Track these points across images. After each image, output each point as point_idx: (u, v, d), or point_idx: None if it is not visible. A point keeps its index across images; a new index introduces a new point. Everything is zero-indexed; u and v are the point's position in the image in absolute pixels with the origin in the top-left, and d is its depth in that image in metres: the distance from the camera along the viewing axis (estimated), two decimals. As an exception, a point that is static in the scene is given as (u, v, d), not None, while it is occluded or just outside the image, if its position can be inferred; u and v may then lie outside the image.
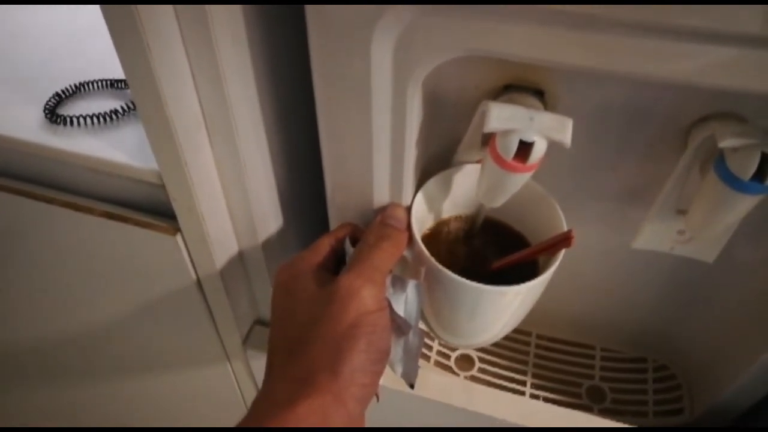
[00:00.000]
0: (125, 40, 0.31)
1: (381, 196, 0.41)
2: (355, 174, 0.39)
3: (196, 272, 0.45)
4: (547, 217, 0.40)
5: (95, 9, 0.42)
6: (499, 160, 0.33)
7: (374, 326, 0.32)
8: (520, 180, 0.34)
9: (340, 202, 0.42)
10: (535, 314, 0.56)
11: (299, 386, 0.30)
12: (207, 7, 0.31)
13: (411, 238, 0.38)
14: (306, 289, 0.34)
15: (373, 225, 0.38)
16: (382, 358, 0.33)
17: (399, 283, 0.37)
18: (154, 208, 0.44)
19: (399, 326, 0.36)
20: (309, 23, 0.31)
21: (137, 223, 0.42)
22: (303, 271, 0.35)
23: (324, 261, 0.36)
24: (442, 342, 0.59)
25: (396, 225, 0.37)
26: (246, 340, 0.52)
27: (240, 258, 0.46)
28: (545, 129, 0.32)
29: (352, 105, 0.35)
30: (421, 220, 0.41)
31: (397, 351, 0.37)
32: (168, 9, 0.31)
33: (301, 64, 0.36)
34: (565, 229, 0.38)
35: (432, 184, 0.41)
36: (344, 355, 0.31)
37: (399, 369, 0.38)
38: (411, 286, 0.37)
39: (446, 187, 0.42)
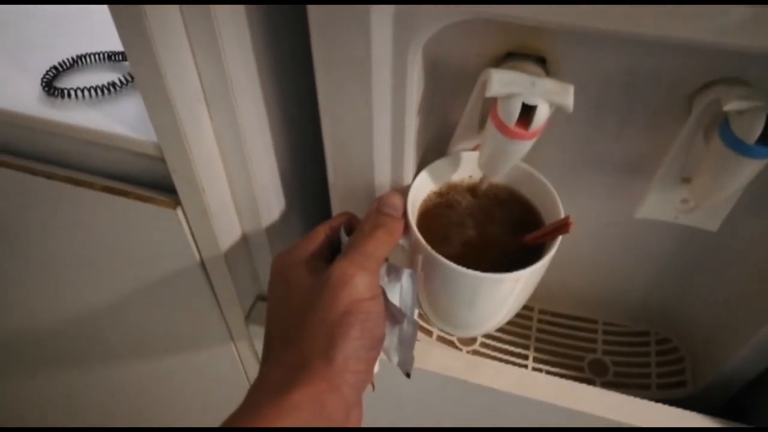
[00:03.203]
0: (123, 12, 0.30)
1: (382, 173, 0.40)
2: (355, 145, 0.39)
3: (197, 247, 0.45)
4: (544, 203, 0.40)
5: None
6: (502, 127, 0.33)
7: (368, 313, 0.32)
8: (522, 148, 0.34)
9: (341, 176, 0.42)
10: (537, 289, 0.56)
11: (294, 373, 0.31)
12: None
13: (407, 225, 0.37)
14: (300, 277, 0.34)
15: (369, 213, 0.37)
16: (375, 345, 0.33)
17: (394, 272, 0.37)
18: (154, 183, 0.44)
19: (394, 315, 0.36)
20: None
21: (138, 197, 0.42)
22: (297, 260, 0.35)
23: (319, 250, 0.36)
24: (442, 331, 0.58)
25: (391, 213, 0.37)
26: (249, 316, 0.52)
27: (241, 232, 0.46)
28: (547, 93, 0.32)
29: (351, 74, 0.34)
30: (418, 201, 0.40)
31: (392, 340, 0.37)
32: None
33: (300, 36, 0.36)
34: (563, 215, 0.37)
35: (429, 169, 0.40)
36: (338, 341, 0.31)
37: (395, 358, 0.37)
38: (406, 275, 0.36)
39: (444, 171, 0.41)
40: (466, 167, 0.41)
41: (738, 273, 0.50)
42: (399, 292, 0.36)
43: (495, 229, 0.40)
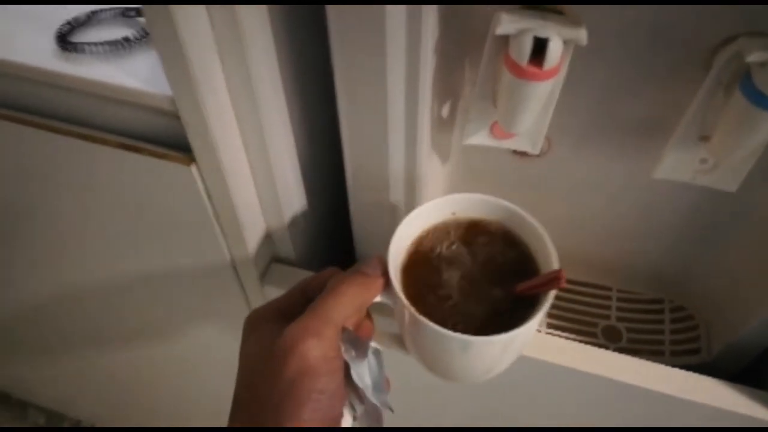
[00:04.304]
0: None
1: (396, 148, 0.40)
2: (370, 121, 0.39)
3: (211, 204, 0.45)
4: (538, 247, 0.36)
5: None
6: (515, 68, 0.32)
7: (320, 392, 0.28)
8: (538, 90, 0.34)
9: (356, 155, 0.42)
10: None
11: None
12: None
13: (389, 283, 0.34)
14: (260, 337, 0.31)
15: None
16: (330, 424, 0.29)
17: (359, 346, 0.32)
18: (167, 141, 0.44)
19: (358, 395, 0.32)
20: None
21: (152, 154, 0.42)
22: (264, 317, 0.33)
23: (291, 308, 0.33)
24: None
25: (366, 270, 0.33)
26: (263, 277, 0.53)
27: (255, 191, 0.46)
28: (559, 26, 0.31)
29: (366, 34, 0.34)
30: (402, 251, 0.37)
31: (356, 413, 0.32)
32: None
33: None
34: (556, 265, 0.34)
35: (412, 216, 0.37)
36: (284, 420, 0.28)
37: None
38: (372, 352, 0.33)
39: (427, 216, 0.38)
40: (448, 207, 0.38)
41: (754, 240, 0.49)
42: (367, 371, 0.32)
43: (486, 276, 0.36)
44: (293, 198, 0.49)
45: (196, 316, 0.67)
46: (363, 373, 0.31)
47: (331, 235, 0.60)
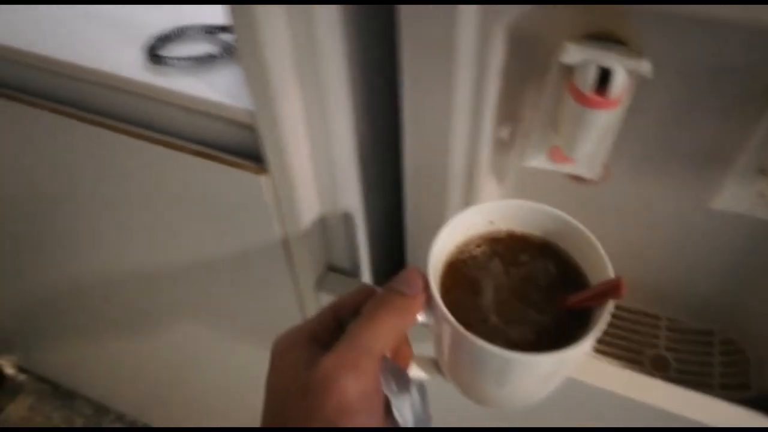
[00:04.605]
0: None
1: (458, 154, 0.42)
2: (433, 127, 0.40)
3: (277, 212, 0.47)
4: (587, 258, 0.34)
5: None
6: (578, 95, 0.34)
7: None
8: (600, 118, 0.35)
9: (417, 157, 0.43)
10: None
11: None
12: None
13: (430, 298, 0.31)
14: (291, 367, 0.29)
15: (379, 291, 0.31)
16: None
17: (401, 378, 0.29)
18: (236, 150, 0.47)
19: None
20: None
21: (226, 162, 0.45)
22: (292, 344, 0.30)
23: (322, 332, 0.31)
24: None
25: (403, 290, 0.30)
26: (319, 285, 0.55)
27: (319, 201, 0.49)
28: (623, 58, 0.33)
29: (436, 52, 0.36)
30: (440, 265, 0.34)
31: None
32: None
33: (388, 15, 0.37)
34: (611, 273, 0.32)
35: (449, 227, 0.34)
36: None
37: None
38: (414, 387, 0.30)
39: (465, 226, 0.35)
40: (485, 215, 0.36)
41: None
42: (409, 406, 0.29)
43: (529, 290, 0.33)
44: (353, 210, 0.51)
45: (248, 323, 0.70)
46: (404, 409, 0.29)
47: (385, 247, 0.61)
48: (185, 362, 0.93)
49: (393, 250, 0.59)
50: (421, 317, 0.31)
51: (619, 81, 0.34)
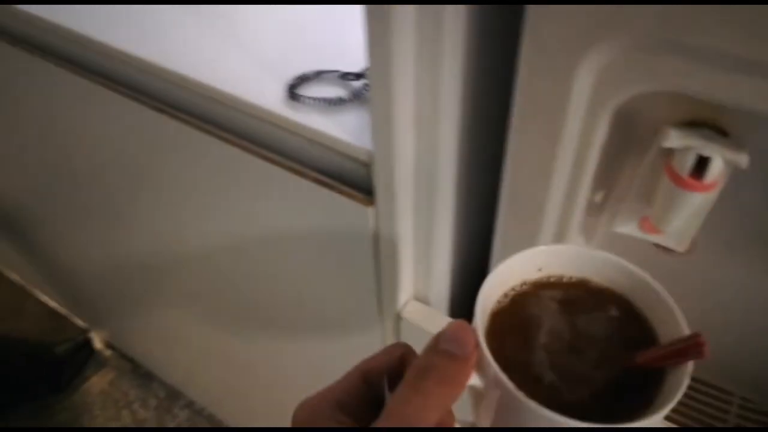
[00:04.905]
0: (376, 48, 0.38)
1: (548, 222, 0.45)
2: (533, 185, 0.44)
3: (377, 242, 0.52)
4: (657, 314, 0.30)
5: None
6: (675, 178, 0.36)
7: None
8: (694, 199, 0.37)
9: (510, 216, 0.47)
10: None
11: None
12: (443, 33, 0.38)
13: (480, 357, 0.27)
14: None
15: (423, 352, 0.27)
16: None
17: None
18: (351, 183, 0.52)
19: None
20: (525, 40, 0.37)
21: (340, 192, 0.51)
22: (320, 412, 0.27)
23: (348, 398, 0.28)
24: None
25: (453, 350, 0.26)
26: (402, 313, 0.59)
27: (414, 236, 0.53)
28: (723, 149, 0.35)
29: (545, 119, 0.40)
30: (486, 317, 0.30)
31: None
32: (410, 31, 0.38)
33: (504, 75, 0.42)
34: (686, 331, 0.28)
35: (507, 264, 0.30)
36: None
37: None
38: None
39: (512, 273, 0.32)
40: (534, 262, 0.32)
41: None
42: None
43: (590, 342, 0.29)
44: (443, 247, 0.55)
45: (326, 334, 0.75)
46: None
47: (464, 283, 0.65)
48: (258, 361, 0.99)
49: (473, 286, 0.62)
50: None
51: (717, 169, 0.36)
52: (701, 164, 0.37)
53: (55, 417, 1.45)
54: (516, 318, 0.30)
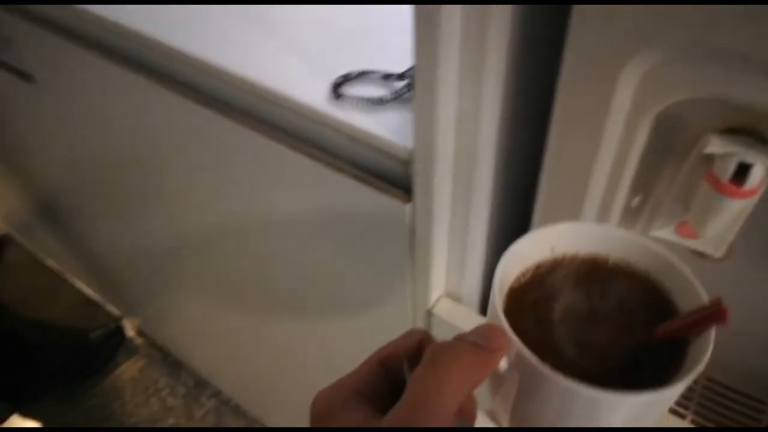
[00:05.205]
0: (423, 46, 0.40)
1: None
2: (571, 186, 0.45)
3: (412, 238, 0.54)
4: (676, 285, 0.30)
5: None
6: (715, 183, 0.37)
7: None
8: (733, 205, 0.38)
9: (547, 219, 0.48)
10: (712, 357, 0.57)
11: None
12: (488, 34, 0.39)
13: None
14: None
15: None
16: None
17: None
18: (388, 180, 0.53)
19: None
20: (568, 44, 0.38)
21: (377, 187, 0.52)
22: (340, 400, 0.26)
23: (368, 386, 0.27)
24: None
25: (479, 342, 0.26)
26: (432, 309, 0.60)
27: (449, 234, 0.54)
28: (764, 156, 0.35)
29: (585, 123, 0.41)
30: (506, 285, 0.30)
31: None
32: (456, 31, 0.39)
33: (545, 77, 0.43)
34: (706, 300, 0.28)
35: (509, 254, 0.30)
36: None
37: None
38: None
39: (526, 254, 0.31)
40: (547, 241, 0.32)
41: None
42: None
43: (609, 317, 0.30)
44: (477, 246, 0.56)
45: (354, 324, 0.76)
46: None
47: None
48: (285, 355, 1.01)
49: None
50: None
51: (758, 175, 0.37)
52: (742, 170, 0.38)
53: (86, 402, 1.49)
54: (533, 296, 0.30)
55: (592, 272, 0.31)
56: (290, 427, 1.32)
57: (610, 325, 0.29)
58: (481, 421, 0.31)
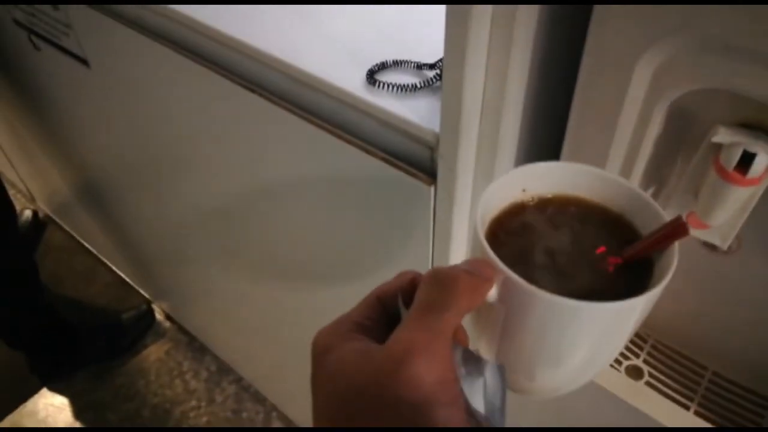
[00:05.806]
0: (453, 42, 0.43)
1: None
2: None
3: (433, 220, 0.57)
4: (639, 215, 0.33)
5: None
6: (721, 171, 0.39)
7: (445, 424, 0.22)
8: (738, 193, 0.40)
9: None
10: (715, 352, 0.59)
11: None
12: (512, 36, 0.42)
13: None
14: (342, 361, 0.25)
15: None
16: None
17: (472, 361, 0.27)
18: (412, 163, 0.57)
19: (477, 421, 0.26)
20: (590, 37, 0.41)
21: (403, 170, 0.56)
22: (340, 333, 0.27)
23: (367, 321, 0.28)
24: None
25: (472, 270, 0.27)
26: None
27: (470, 218, 0.58)
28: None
29: (602, 112, 0.44)
30: (484, 226, 0.32)
31: None
32: (485, 27, 0.42)
33: (567, 69, 0.46)
34: (666, 219, 0.30)
35: (486, 197, 0.32)
36: None
37: None
38: (491, 369, 0.27)
39: (499, 195, 0.33)
40: (518, 183, 0.34)
41: None
42: (482, 391, 0.26)
43: (580, 249, 0.32)
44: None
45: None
46: (475, 396, 0.26)
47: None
48: (305, 343, 1.05)
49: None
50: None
51: (760, 165, 0.39)
52: (746, 159, 0.40)
53: (114, 380, 1.55)
54: (512, 233, 0.32)
55: (560, 209, 0.34)
56: (297, 428, 1.35)
57: (580, 255, 0.32)
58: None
